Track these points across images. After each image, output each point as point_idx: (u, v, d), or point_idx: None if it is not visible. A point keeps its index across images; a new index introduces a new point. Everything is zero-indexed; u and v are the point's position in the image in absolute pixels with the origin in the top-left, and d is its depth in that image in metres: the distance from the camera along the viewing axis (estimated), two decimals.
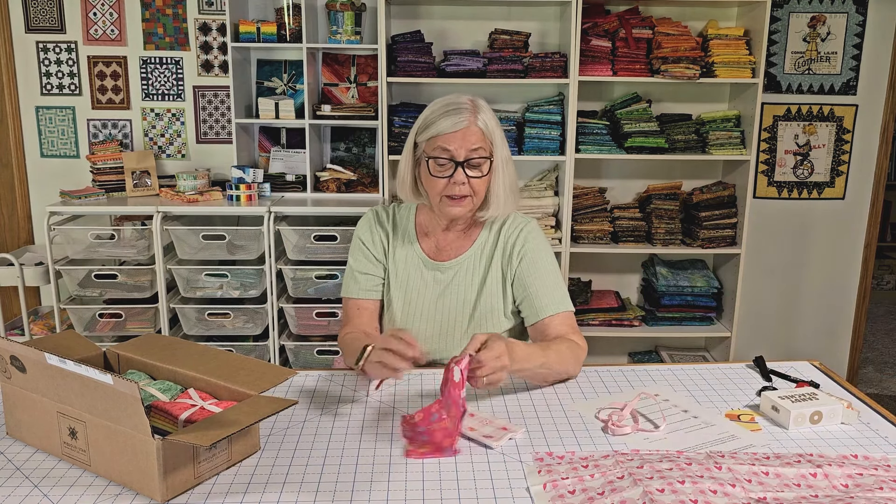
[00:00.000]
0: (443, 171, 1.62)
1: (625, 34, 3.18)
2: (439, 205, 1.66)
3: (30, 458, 1.27)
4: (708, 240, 3.31)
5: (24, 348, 1.23)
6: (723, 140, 3.26)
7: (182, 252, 3.12)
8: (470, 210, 1.67)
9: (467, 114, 1.62)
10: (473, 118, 1.63)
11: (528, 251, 1.71)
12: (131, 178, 3.30)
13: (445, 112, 1.63)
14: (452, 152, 1.60)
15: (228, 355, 1.45)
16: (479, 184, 1.64)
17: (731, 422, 1.42)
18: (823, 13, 3.43)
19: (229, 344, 3.16)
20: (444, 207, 1.65)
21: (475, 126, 1.62)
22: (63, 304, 3.12)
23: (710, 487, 1.15)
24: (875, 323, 4.96)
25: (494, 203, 1.69)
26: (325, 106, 3.28)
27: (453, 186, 1.62)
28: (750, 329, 3.70)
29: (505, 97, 3.43)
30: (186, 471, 1.16)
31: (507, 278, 1.73)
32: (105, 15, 3.36)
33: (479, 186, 1.64)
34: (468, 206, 1.65)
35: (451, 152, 1.60)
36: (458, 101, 1.65)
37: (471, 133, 1.61)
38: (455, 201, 1.64)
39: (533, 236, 1.74)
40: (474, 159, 1.61)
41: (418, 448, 1.29)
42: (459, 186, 1.61)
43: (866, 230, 3.65)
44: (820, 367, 1.72)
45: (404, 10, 3.35)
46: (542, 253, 1.73)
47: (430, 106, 1.68)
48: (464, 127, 1.61)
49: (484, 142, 1.63)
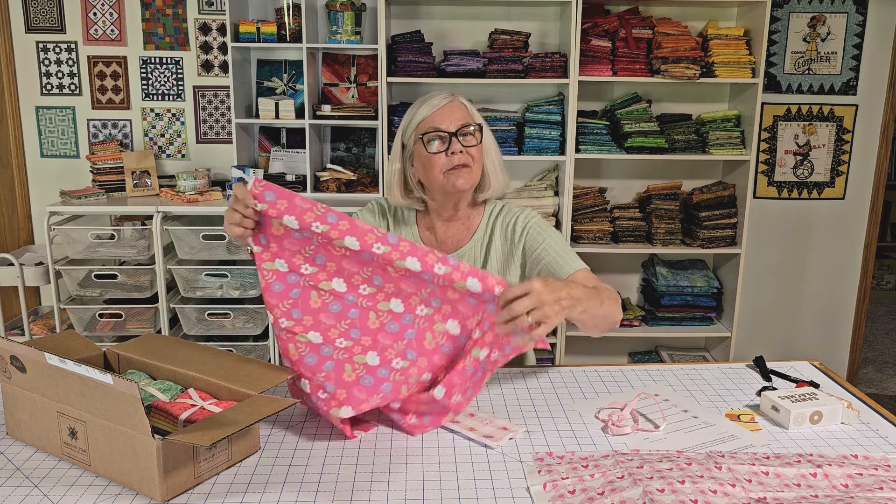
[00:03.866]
0: (439, 146, 1.65)
1: (625, 34, 3.18)
2: (443, 183, 1.67)
3: (30, 458, 1.27)
4: (708, 240, 3.31)
5: (24, 348, 1.23)
6: (723, 140, 3.26)
7: (182, 252, 3.12)
8: (472, 183, 1.69)
9: (446, 94, 1.70)
10: (453, 97, 1.70)
11: (531, 226, 1.74)
12: (131, 178, 3.30)
13: (424, 101, 1.70)
14: (444, 127, 1.65)
15: (228, 355, 1.45)
16: (475, 151, 1.67)
17: (731, 422, 1.42)
18: (823, 13, 3.43)
19: (229, 344, 3.16)
20: (449, 181, 1.66)
21: (457, 102, 1.69)
22: (63, 304, 3.12)
23: (710, 487, 1.15)
24: (875, 323, 4.96)
25: (491, 178, 1.73)
26: (325, 106, 3.28)
27: (452, 158, 1.64)
28: (750, 329, 3.70)
29: (505, 97, 3.43)
30: (186, 471, 1.16)
31: (514, 258, 1.74)
32: (105, 15, 3.36)
33: (476, 154, 1.68)
34: (469, 176, 1.67)
35: (443, 127, 1.65)
36: (434, 92, 1.73)
37: (455, 107, 1.67)
38: (457, 171, 1.65)
39: (531, 215, 1.77)
40: (465, 128, 1.65)
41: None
42: (458, 156, 1.65)
43: (866, 230, 3.65)
44: (820, 367, 1.72)
45: (404, 10, 3.35)
46: (545, 225, 1.75)
47: (410, 108, 1.74)
48: (447, 103, 1.67)
49: (469, 117, 1.68)
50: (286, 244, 1.37)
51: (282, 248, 1.38)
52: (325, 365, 1.34)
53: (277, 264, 1.38)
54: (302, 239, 1.36)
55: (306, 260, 1.38)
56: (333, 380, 1.32)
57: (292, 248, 1.37)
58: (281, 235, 1.36)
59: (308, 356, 1.34)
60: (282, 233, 1.36)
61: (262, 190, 1.34)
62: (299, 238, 1.36)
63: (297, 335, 1.35)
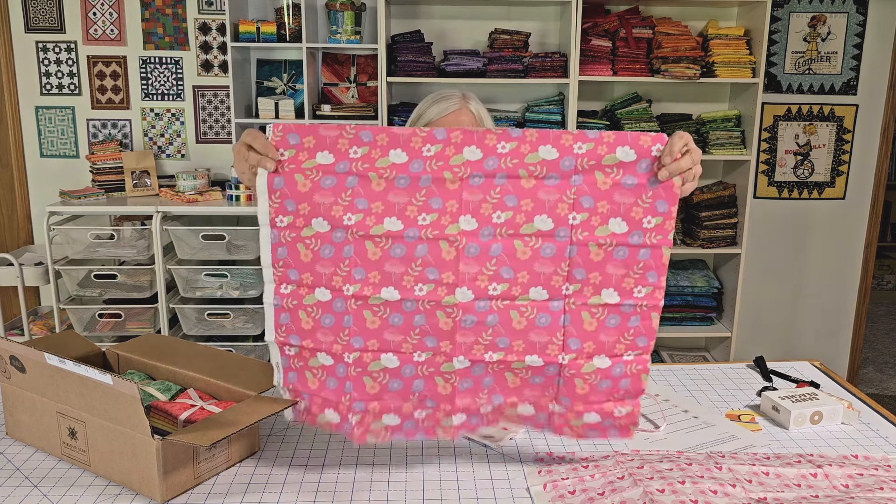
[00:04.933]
0: None
1: (625, 34, 3.17)
2: None
3: (29, 458, 1.26)
4: (708, 240, 3.31)
5: (23, 348, 1.23)
6: (723, 140, 3.26)
7: (182, 252, 3.11)
8: None
9: (457, 99, 1.64)
10: (464, 103, 1.64)
11: None
12: (131, 178, 3.30)
13: (436, 100, 1.65)
14: None
15: (228, 355, 1.44)
16: None
17: (731, 422, 1.42)
18: (824, 13, 3.43)
19: (229, 344, 3.16)
20: None
21: (466, 109, 1.63)
22: (63, 305, 3.12)
23: (710, 488, 1.15)
24: (875, 323, 4.96)
25: None
26: (325, 106, 3.28)
27: None
28: (750, 329, 3.70)
29: (505, 97, 3.43)
30: (186, 471, 1.16)
31: None
32: (105, 15, 3.36)
33: None
34: None
35: None
36: (447, 91, 1.68)
37: (463, 115, 1.62)
38: None
39: None
40: None
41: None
42: None
43: (867, 230, 3.65)
44: (820, 367, 1.72)
45: (404, 10, 3.35)
46: None
47: (422, 101, 1.69)
48: (456, 109, 1.62)
49: (476, 127, 1.63)
50: (317, 198, 1.16)
51: (315, 205, 1.16)
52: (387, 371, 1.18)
53: (316, 225, 1.16)
54: (335, 186, 1.15)
55: (347, 209, 1.15)
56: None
57: (326, 201, 1.15)
58: (309, 190, 1.15)
59: (329, 380, 1.21)
60: (308, 188, 1.15)
61: (283, 135, 1.16)
62: (332, 185, 1.15)
63: (314, 356, 1.20)
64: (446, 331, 1.17)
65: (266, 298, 1.22)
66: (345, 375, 1.20)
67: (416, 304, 1.16)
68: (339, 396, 1.21)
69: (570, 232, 1.15)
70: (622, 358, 1.20)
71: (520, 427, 1.28)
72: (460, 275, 1.15)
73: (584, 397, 1.20)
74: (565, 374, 1.19)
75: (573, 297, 1.17)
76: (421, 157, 1.14)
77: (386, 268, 1.16)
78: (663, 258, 1.17)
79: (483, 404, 1.22)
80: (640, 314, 1.19)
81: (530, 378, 1.20)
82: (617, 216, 1.15)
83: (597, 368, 1.19)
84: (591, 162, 1.13)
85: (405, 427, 1.21)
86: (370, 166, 1.15)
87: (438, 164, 1.14)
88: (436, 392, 1.20)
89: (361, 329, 1.18)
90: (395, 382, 1.20)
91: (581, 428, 1.22)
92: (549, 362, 1.19)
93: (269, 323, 1.22)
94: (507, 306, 1.17)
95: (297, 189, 1.16)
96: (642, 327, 1.20)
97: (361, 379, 1.20)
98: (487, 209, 1.15)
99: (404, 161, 1.14)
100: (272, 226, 1.18)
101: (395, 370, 1.19)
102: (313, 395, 1.22)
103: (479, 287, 1.16)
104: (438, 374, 1.19)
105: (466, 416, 1.21)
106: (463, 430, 1.22)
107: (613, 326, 1.19)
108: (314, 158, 1.15)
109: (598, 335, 1.18)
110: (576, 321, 1.18)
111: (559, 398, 1.21)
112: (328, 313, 1.19)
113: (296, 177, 1.16)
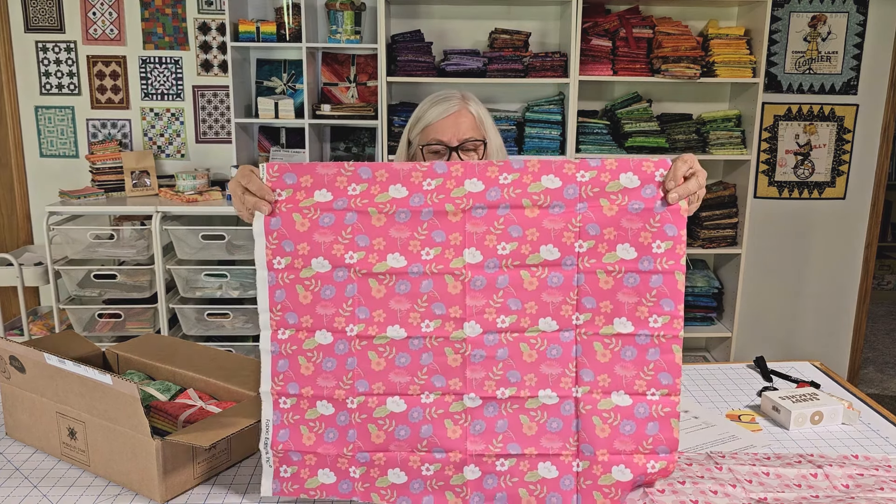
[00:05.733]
0: (437, 158, 1.61)
1: (625, 34, 3.17)
2: None
3: (29, 458, 1.26)
4: (708, 240, 3.31)
5: (23, 348, 1.23)
6: (723, 140, 3.26)
7: (181, 252, 3.11)
8: None
9: (457, 101, 1.63)
10: (464, 104, 1.63)
11: None
12: (130, 178, 3.30)
13: (435, 102, 1.64)
14: (446, 140, 1.60)
15: (228, 355, 1.44)
16: None
17: (731, 422, 1.42)
18: (824, 13, 3.43)
19: (229, 344, 3.16)
20: None
21: (466, 111, 1.62)
22: (62, 305, 3.12)
23: (710, 488, 1.14)
24: (876, 323, 4.96)
25: None
26: (325, 105, 3.27)
27: None
28: (750, 329, 3.70)
29: (505, 97, 3.43)
30: (186, 471, 1.16)
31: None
32: (104, 14, 3.36)
33: None
34: None
35: (445, 139, 1.60)
36: (447, 92, 1.67)
37: (462, 117, 1.61)
38: None
39: None
40: (468, 143, 1.60)
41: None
42: None
43: (867, 230, 3.65)
44: (821, 367, 1.72)
45: (404, 10, 3.35)
46: None
47: (421, 103, 1.69)
48: (455, 111, 1.60)
49: (476, 129, 1.63)
50: (317, 237, 1.14)
51: (315, 245, 1.14)
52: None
53: (316, 265, 1.14)
54: (334, 224, 1.14)
55: (348, 247, 1.14)
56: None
57: (326, 240, 1.14)
58: (307, 230, 1.14)
59: (328, 432, 1.15)
60: (307, 227, 1.14)
61: (279, 175, 1.14)
62: (331, 224, 1.14)
63: (313, 405, 1.16)
64: (455, 367, 1.14)
65: (262, 345, 1.18)
66: (347, 423, 1.15)
67: (423, 342, 1.14)
68: (339, 448, 1.15)
69: (577, 260, 1.13)
70: (645, 397, 1.14)
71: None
72: (468, 308, 1.13)
73: (607, 443, 1.13)
74: (581, 410, 1.14)
75: (584, 326, 1.14)
76: (421, 190, 1.13)
77: (391, 305, 1.14)
78: (678, 284, 1.15)
79: (499, 452, 1.14)
80: (660, 346, 1.16)
81: (547, 423, 1.14)
82: (625, 242, 1.12)
83: (616, 406, 1.14)
84: (595, 189, 1.12)
85: (412, 488, 1.15)
86: (369, 202, 1.13)
87: (440, 197, 1.13)
88: (445, 437, 1.14)
89: (366, 371, 1.14)
90: (402, 430, 1.15)
91: (613, 488, 1.13)
92: (564, 397, 1.14)
93: (265, 372, 1.18)
94: (516, 339, 1.14)
95: (295, 229, 1.14)
96: (663, 361, 1.15)
97: (366, 426, 1.15)
98: (492, 241, 1.13)
99: (404, 195, 1.13)
100: (269, 268, 1.15)
101: (402, 415, 1.14)
102: (306, 454, 1.16)
103: (487, 320, 1.14)
104: (448, 415, 1.14)
105: (482, 471, 1.14)
106: (478, 493, 1.14)
107: (630, 359, 1.14)
108: (312, 197, 1.14)
109: (612, 367, 1.14)
110: (588, 352, 1.14)
111: (581, 449, 1.14)
112: (330, 356, 1.16)
113: (294, 216, 1.14)
